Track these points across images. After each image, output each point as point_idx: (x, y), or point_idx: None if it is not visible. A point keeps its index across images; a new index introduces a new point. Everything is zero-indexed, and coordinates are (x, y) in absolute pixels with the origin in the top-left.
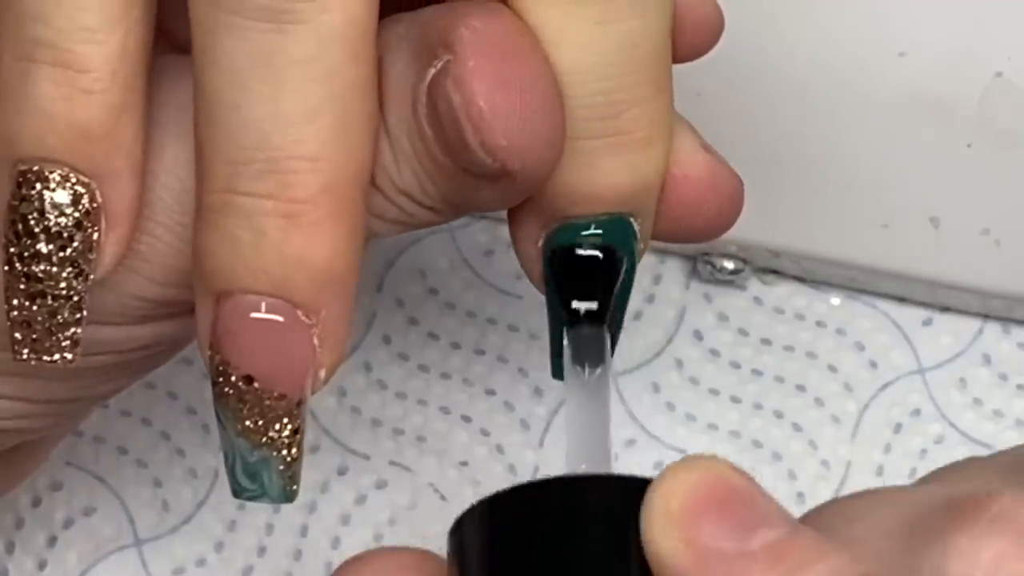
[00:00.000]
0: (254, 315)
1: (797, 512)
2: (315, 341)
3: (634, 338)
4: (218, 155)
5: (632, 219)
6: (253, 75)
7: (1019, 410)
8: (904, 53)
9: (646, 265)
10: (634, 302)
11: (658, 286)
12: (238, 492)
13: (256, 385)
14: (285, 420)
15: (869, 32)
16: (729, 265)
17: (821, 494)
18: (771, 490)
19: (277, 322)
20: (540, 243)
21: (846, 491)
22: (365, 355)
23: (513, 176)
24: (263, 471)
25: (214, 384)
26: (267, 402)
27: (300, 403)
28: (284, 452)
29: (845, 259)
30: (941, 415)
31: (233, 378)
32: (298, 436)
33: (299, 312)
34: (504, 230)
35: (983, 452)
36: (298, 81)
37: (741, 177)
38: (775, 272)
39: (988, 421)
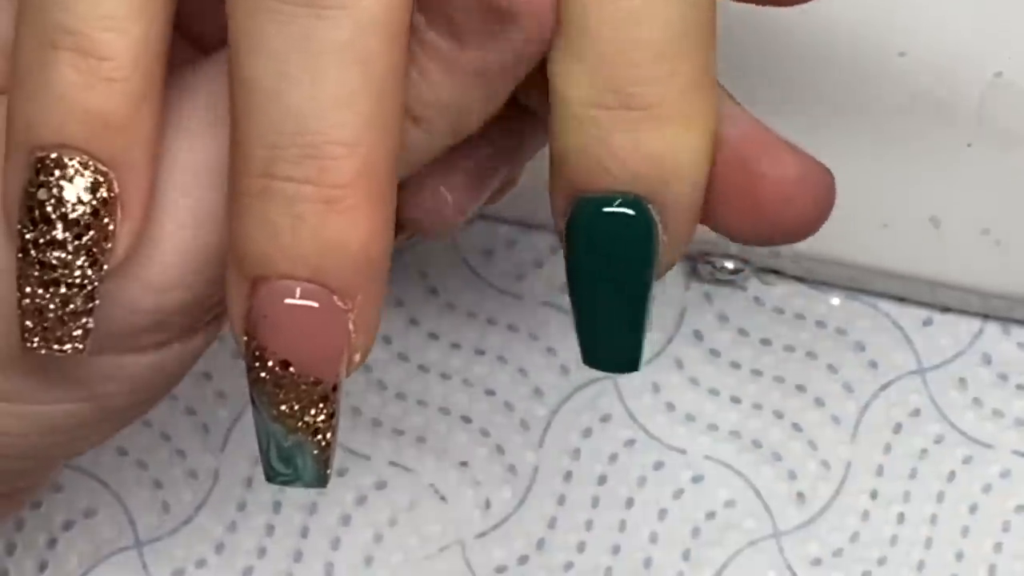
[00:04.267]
0: (289, 300)
1: (797, 512)
2: (350, 326)
3: None
4: (256, 140)
5: (649, 205)
6: (292, 60)
7: (1019, 410)
8: (904, 53)
9: None
10: None
11: (658, 286)
12: (272, 477)
13: (292, 370)
14: (320, 405)
15: (869, 32)
16: (729, 265)
17: (821, 494)
18: (771, 490)
19: (313, 307)
20: (566, 218)
21: (846, 491)
22: None
23: (506, 16)
24: (297, 456)
25: (249, 369)
26: (303, 387)
27: (335, 388)
28: (319, 437)
29: (845, 259)
30: (941, 415)
31: (269, 363)
32: (333, 421)
33: (335, 297)
34: (504, 230)
35: (983, 452)
36: (336, 66)
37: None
38: (775, 272)
39: (988, 421)
